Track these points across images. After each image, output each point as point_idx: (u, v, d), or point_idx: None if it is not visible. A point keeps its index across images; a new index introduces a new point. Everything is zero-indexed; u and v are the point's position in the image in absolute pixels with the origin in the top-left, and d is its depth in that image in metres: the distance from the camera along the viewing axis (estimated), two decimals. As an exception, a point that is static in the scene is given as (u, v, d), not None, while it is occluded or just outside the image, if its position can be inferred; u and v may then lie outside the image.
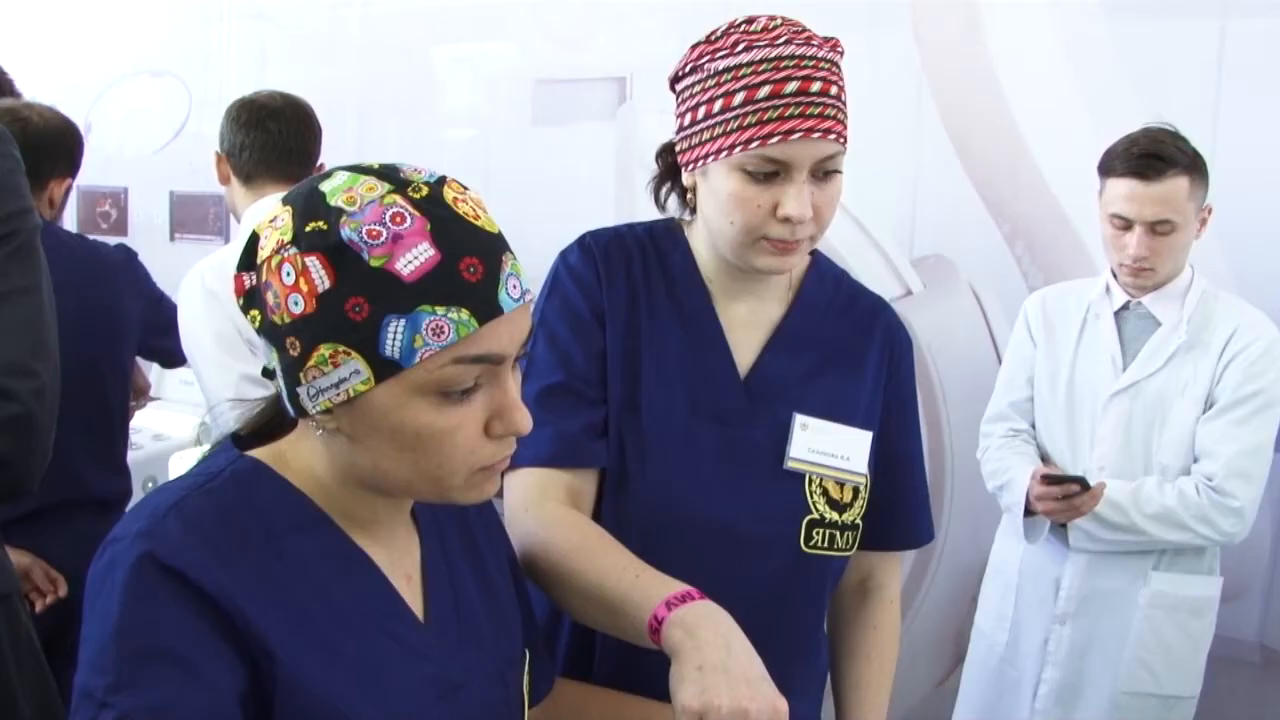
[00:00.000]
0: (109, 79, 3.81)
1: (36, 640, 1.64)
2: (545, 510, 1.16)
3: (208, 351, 1.99)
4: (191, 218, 3.69)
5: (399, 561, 0.95)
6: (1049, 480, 2.07)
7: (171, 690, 0.76)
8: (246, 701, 0.81)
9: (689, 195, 1.29)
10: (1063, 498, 2.05)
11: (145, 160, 3.76)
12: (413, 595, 0.94)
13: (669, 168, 1.32)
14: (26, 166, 1.49)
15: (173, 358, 2.39)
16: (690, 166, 1.24)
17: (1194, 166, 2.05)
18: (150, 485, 2.80)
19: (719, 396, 1.27)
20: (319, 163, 2.23)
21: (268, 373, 0.90)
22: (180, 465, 2.83)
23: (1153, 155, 2.03)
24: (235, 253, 2.15)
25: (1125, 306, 2.19)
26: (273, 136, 2.14)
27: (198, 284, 2.04)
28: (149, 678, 0.76)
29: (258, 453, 0.91)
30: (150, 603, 0.78)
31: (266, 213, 0.88)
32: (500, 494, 1.07)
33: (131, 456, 2.48)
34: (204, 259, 2.10)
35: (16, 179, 1.43)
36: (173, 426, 3.16)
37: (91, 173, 2.92)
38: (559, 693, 1.17)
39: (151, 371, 3.34)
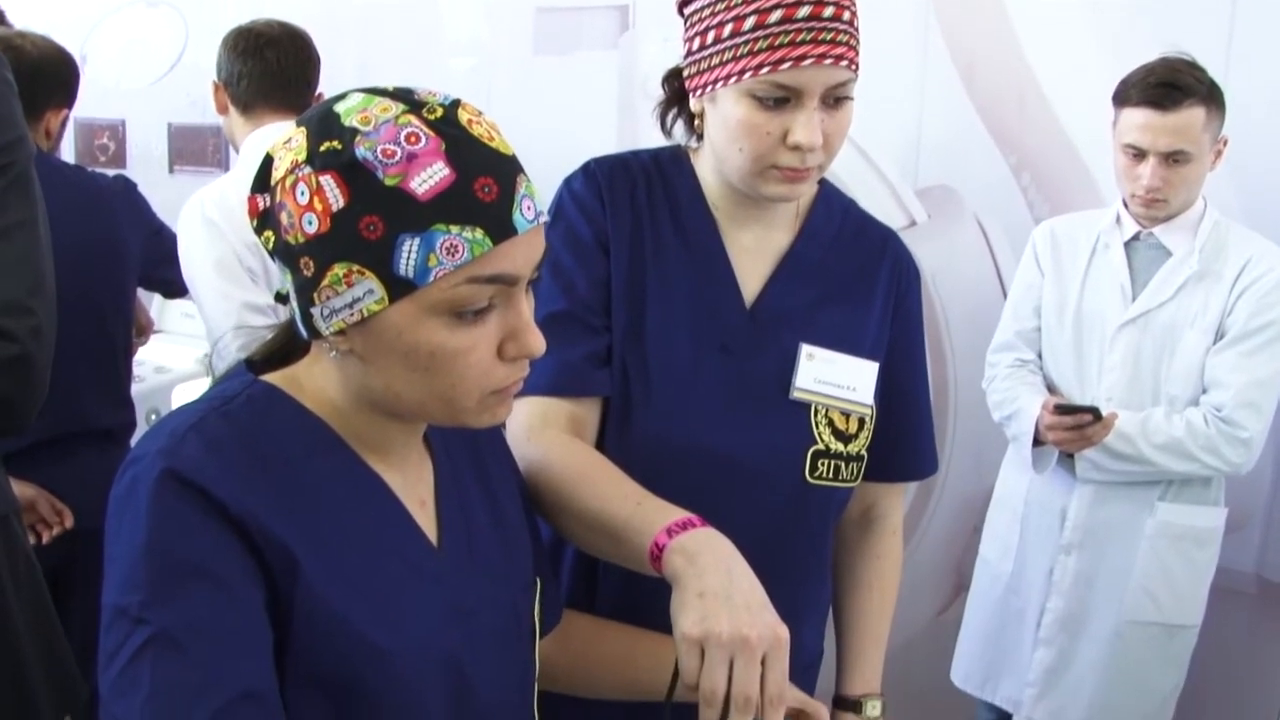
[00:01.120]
0: (104, 10, 3.75)
1: (36, 564, 1.65)
2: (547, 438, 1.16)
3: (209, 280, 1.98)
4: (190, 149, 3.65)
5: (412, 487, 0.95)
6: (1060, 410, 2.07)
7: (204, 604, 0.77)
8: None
9: (696, 121, 1.26)
10: (1074, 428, 2.05)
11: (142, 92, 3.72)
12: (426, 520, 0.95)
13: (676, 93, 1.29)
14: (21, 96, 1.46)
15: (174, 288, 2.38)
16: (698, 92, 1.22)
17: (1211, 97, 2.02)
18: (154, 417, 2.80)
19: (724, 325, 1.26)
20: (318, 92, 2.21)
21: (281, 296, 0.89)
22: (184, 398, 2.83)
23: (1169, 85, 2.00)
24: (235, 181, 2.16)
25: (1136, 237, 2.17)
26: (270, 65, 2.11)
27: (197, 213, 2.02)
28: (181, 593, 0.77)
29: (272, 378, 0.91)
30: (176, 519, 0.78)
31: (266, 142, 0.87)
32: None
33: (135, 389, 2.48)
34: (203, 188, 2.08)
35: (11, 104, 1.40)
36: (175, 359, 3.15)
37: (88, 105, 2.88)
38: (571, 626, 1.18)
39: (153, 304, 3.33)
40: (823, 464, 1.25)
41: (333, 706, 0.84)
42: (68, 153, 3.71)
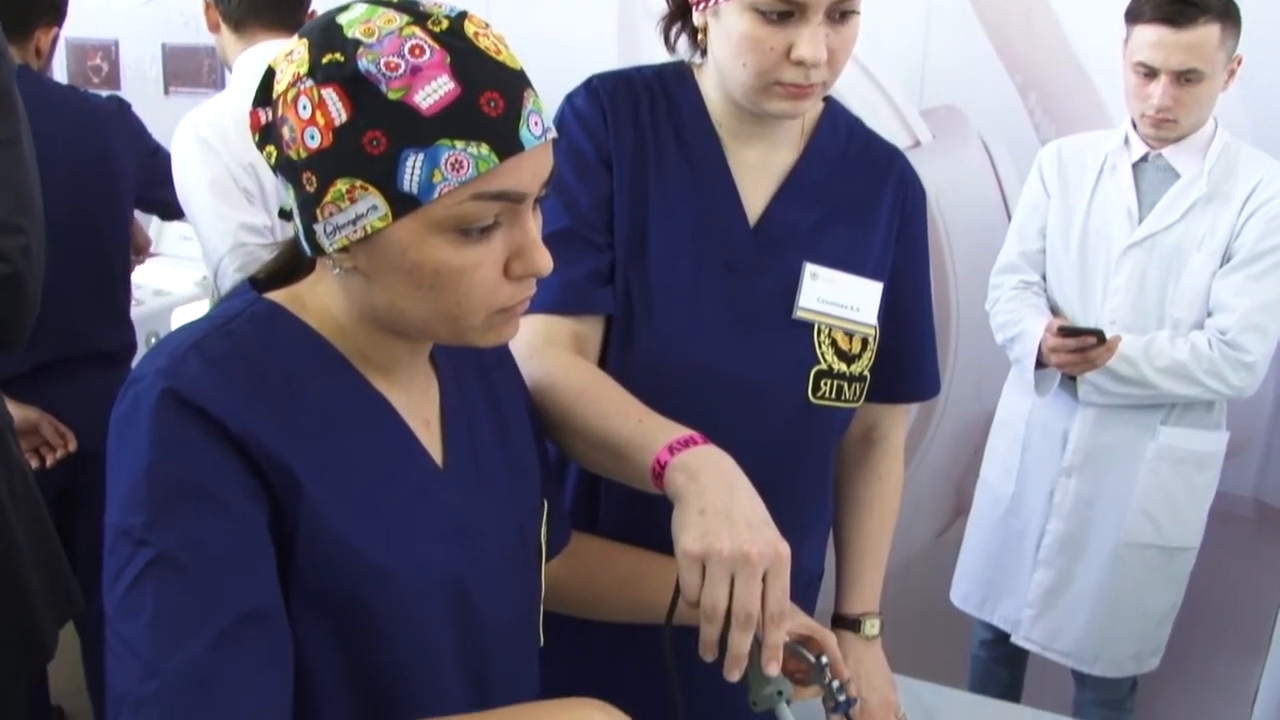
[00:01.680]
0: (93, -75, 3.67)
1: (32, 478, 1.67)
2: (550, 357, 1.15)
3: (204, 201, 1.96)
4: (185, 70, 3.59)
5: (417, 407, 0.94)
6: (1064, 332, 2.06)
7: (207, 525, 0.77)
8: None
9: (700, 36, 1.24)
10: (1077, 350, 2.04)
11: (135, 11, 3.64)
12: (431, 441, 0.94)
13: (679, 7, 1.26)
14: (9, 14, 1.44)
15: (171, 210, 2.35)
16: (701, 6, 1.19)
17: (1226, 14, 1.98)
18: (153, 340, 2.80)
19: (727, 244, 1.24)
20: (310, 9, 2.16)
21: (284, 213, 0.88)
22: (183, 321, 2.82)
23: (1184, 1, 1.95)
24: (228, 101, 2.13)
25: (1144, 158, 2.14)
26: (262, -19, 2.07)
27: (190, 133, 1.99)
28: (184, 514, 0.76)
29: (275, 296, 0.90)
30: (178, 439, 0.78)
31: (258, 61, 0.85)
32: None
33: (134, 312, 2.48)
34: (196, 108, 2.04)
35: None
36: (174, 282, 3.14)
37: (80, 25, 2.83)
38: (579, 549, 1.18)
39: (151, 226, 3.31)
40: (825, 384, 1.25)
41: (337, 626, 0.84)
42: (60, 73, 3.65)
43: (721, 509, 0.91)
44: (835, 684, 1.08)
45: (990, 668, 2.56)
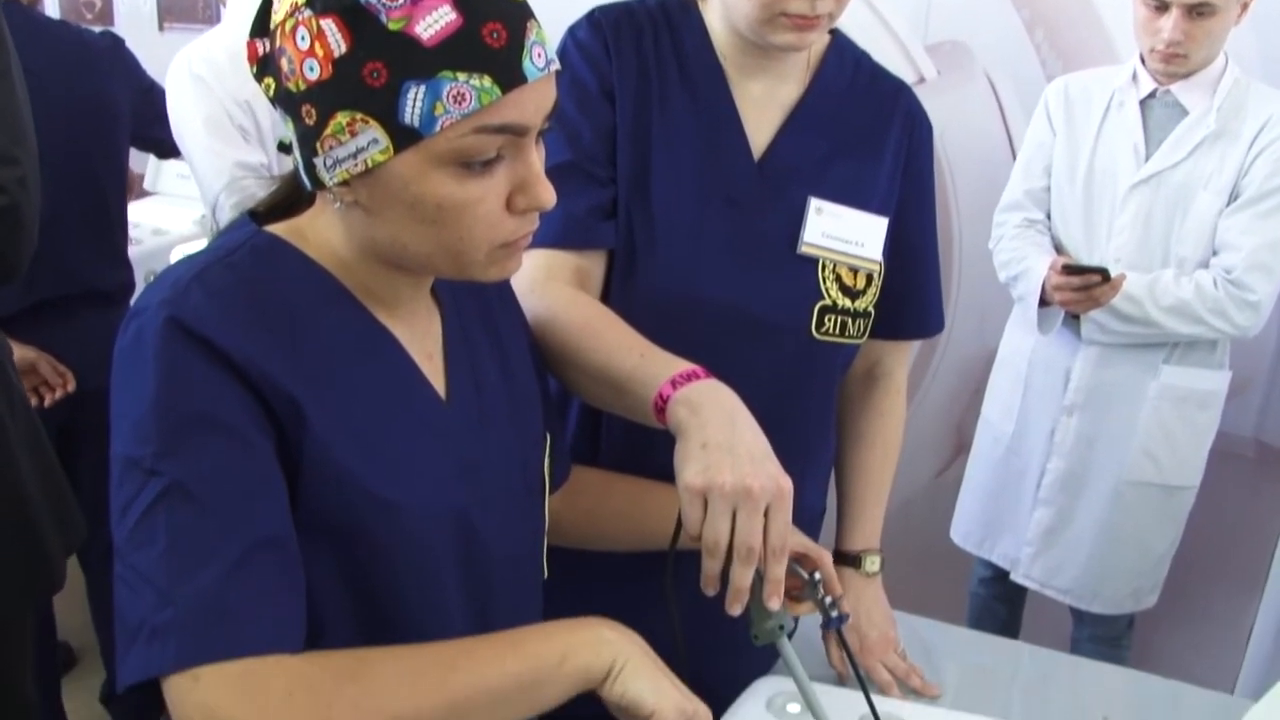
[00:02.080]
0: None
1: (31, 408, 1.67)
2: (551, 291, 1.14)
3: (199, 139, 1.94)
4: (180, 6, 3.55)
5: (420, 340, 0.93)
6: (1068, 270, 2.05)
7: (216, 454, 0.77)
8: None
9: None
10: (1081, 288, 2.03)
11: (128, -57, 3.59)
12: (434, 374, 0.93)
13: None
14: None
15: (166, 148, 2.33)
16: None
17: None
18: (151, 279, 2.79)
19: (731, 178, 1.23)
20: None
21: (284, 146, 0.86)
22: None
23: None
24: (222, 37, 2.09)
25: (1152, 95, 2.12)
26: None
27: (184, 70, 1.97)
28: (193, 444, 0.76)
29: (275, 228, 0.89)
30: (183, 369, 0.77)
31: None
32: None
33: (132, 251, 2.47)
34: (190, 44, 2.02)
35: None
36: (172, 221, 3.12)
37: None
38: (581, 481, 1.18)
39: (148, 165, 3.28)
40: (829, 320, 1.24)
41: (341, 555, 0.84)
42: (52, 10, 3.60)
43: (724, 443, 0.91)
44: (828, 600, 1.08)
45: (989, 605, 2.58)
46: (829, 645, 1.37)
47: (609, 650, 0.83)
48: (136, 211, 2.78)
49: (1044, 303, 2.15)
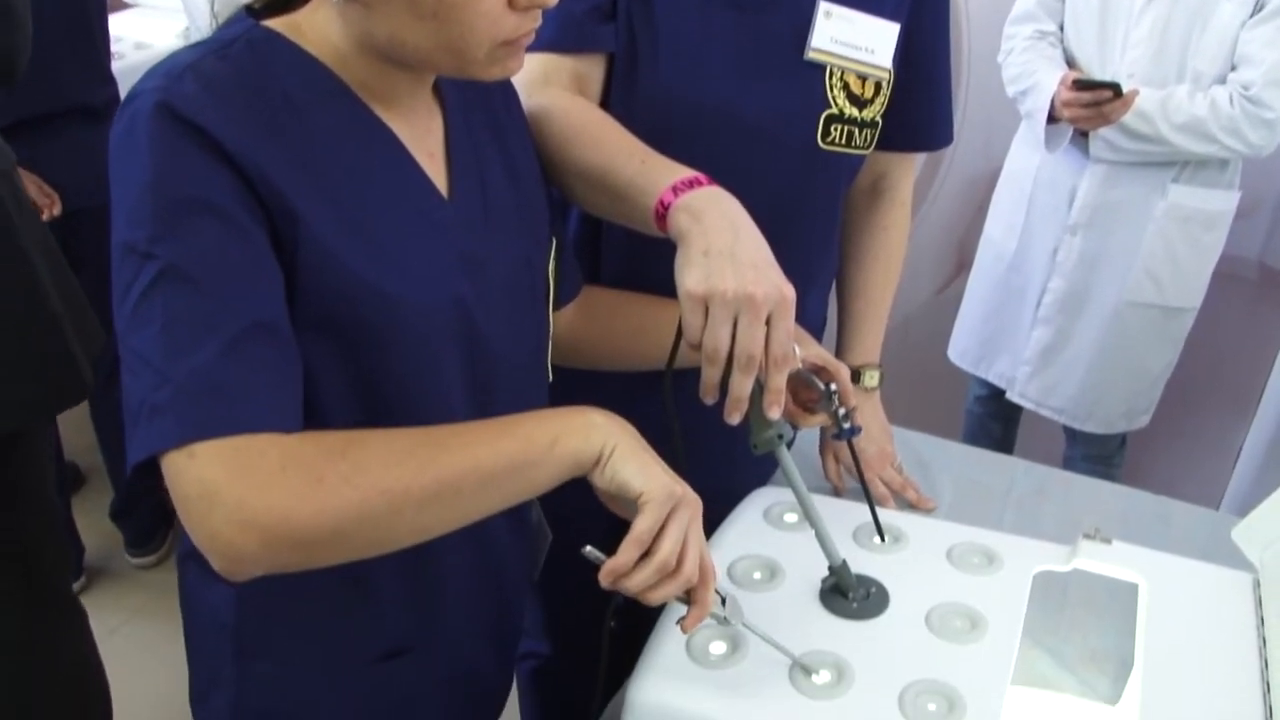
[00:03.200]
0: None
1: (39, 215, 1.67)
2: (549, 96, 1.10)
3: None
4: None
5: (421, 138, 0.91)
6: (1079, 85, 1.99)
7: (212, 237, 0.76)
8: None
9: None
10: (1092, 104, 1.98)
11: None
12: (436, 171, 0.92)
13: None
14: None
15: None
16: None
17: None
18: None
19: None
20: None
21: None
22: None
23: None
24: None
25: (1177, -105, 2.02)
26: None
27: None
28: (188, 226, 0.76)
29: (272, 23, 0.86)
30: (178, 154, 0.76)
31: None
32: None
33: (115, 66, 2.41)
34: None
35: None
36: (155, 34, 3.02)
37: None
38: (592, 299, 1.17)
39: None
40: (835, 129, 1.20)
41: (342, 347, 0.84)
42: None
43: (726, 250, 0.89)
44: (842, 412, 1.09)
45: (984, 423, 2.61)
46: (826, 460, 1.38)
47: (599, 435, 0.83)
48: (117, 24, 2.68)
49: (1052, 119, 2.09)
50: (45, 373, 1.58)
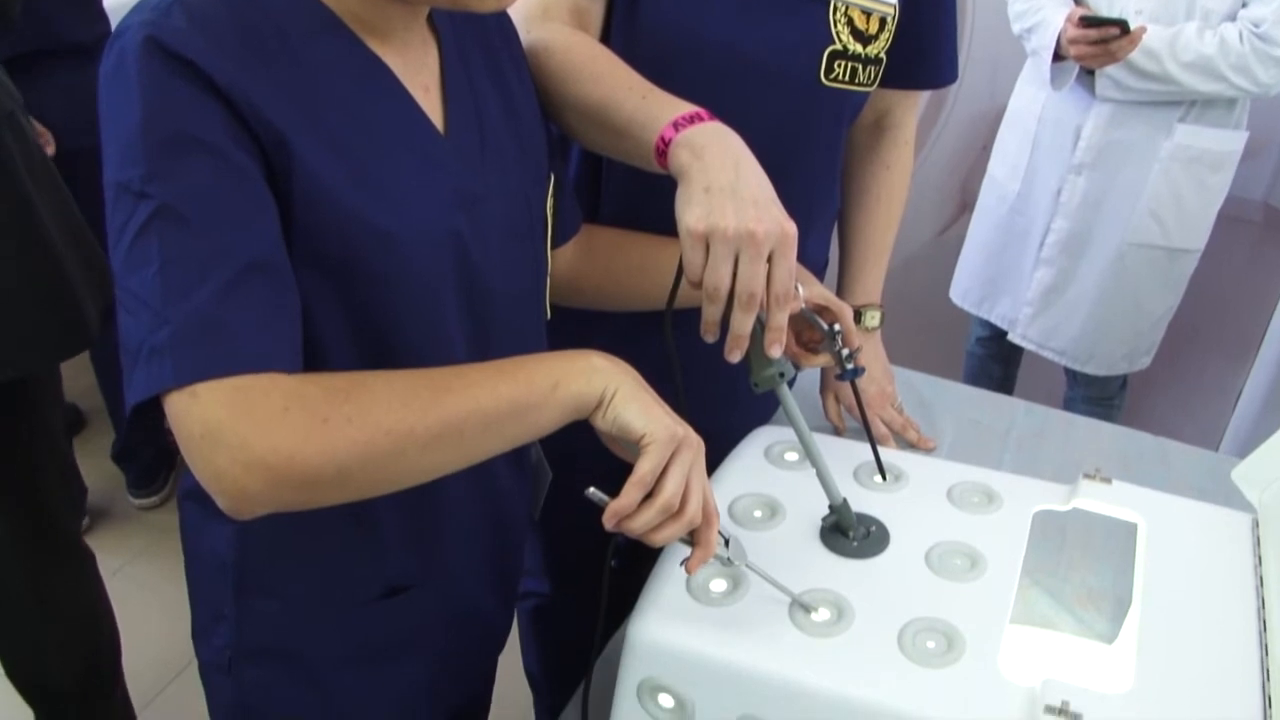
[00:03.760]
0: None
1: (47, 157, 1.65)
2: (548, 30, 1.08)
3: None
4: None
5: (416, 72, 0.90)
6: (1086, 22, 1.96)
7: (206, 175, 0.75)
8: None
9: None
10: (1098, 41, 1.95)
11: None
12: (431, 106, 0.90)
13: None
14: None
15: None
16: None
17: None
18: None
19: None
20: None
21: None
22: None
23: None
24: None
25: None
26: None
27: None
28: (181, 165, 0.74)
29: None
30: (168, 91, 0.75)
31: None
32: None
33: (106, 2, 2.35)
34: None
35: None
36: (147, -30, 2.97)
37: None
38: (594, 239, 1.16)
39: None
40: (839, 66, 1.18)
41: (341, 290, 0.83)
42: None
43: (727, 186, 0.88)
44: (845, 352, 1.09)
45: (985, 364, 2.61)
46: (826, 400, 1.38)
47: (600, 378, 0.83)
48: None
49: (1058, 57, 2.07)
50: (50, 319, 1.58)
